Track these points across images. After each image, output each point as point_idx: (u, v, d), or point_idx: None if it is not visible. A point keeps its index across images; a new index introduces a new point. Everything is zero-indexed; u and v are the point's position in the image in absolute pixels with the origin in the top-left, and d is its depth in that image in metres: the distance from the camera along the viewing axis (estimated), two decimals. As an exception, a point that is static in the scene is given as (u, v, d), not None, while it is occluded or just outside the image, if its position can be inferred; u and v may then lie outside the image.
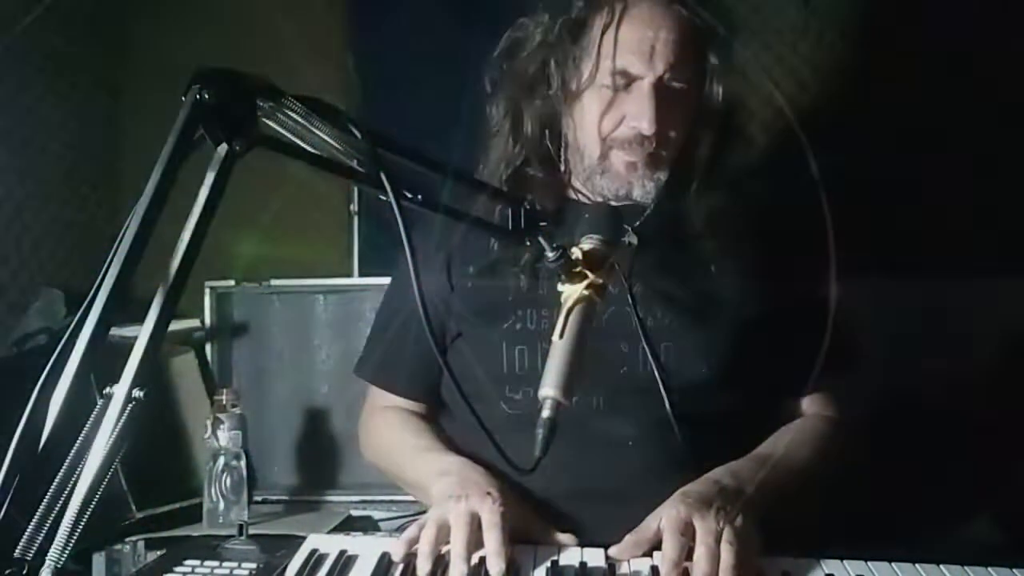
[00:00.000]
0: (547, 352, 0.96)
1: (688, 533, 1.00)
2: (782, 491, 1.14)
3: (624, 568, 1.03)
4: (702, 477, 1.11)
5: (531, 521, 1.11)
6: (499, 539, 1.00)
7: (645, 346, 1.17)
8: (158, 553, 1.15)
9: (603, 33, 1.16)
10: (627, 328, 1.18)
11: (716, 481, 1.10)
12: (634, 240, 1.19)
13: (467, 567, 0.98)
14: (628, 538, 1.05)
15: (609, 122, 1.18)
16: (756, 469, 1.14)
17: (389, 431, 1.34)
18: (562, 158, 1.26)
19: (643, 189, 1.20)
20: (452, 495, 1.06)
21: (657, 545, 1.03)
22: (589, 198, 1.25)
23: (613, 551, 1.05)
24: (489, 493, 1.06)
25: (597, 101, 1.18)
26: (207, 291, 1.90)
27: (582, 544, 1.08)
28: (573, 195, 1.27)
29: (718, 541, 0.99)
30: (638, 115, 1.15)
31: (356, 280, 1.97)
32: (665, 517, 1.02)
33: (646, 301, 1.20)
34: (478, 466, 1.17)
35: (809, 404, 1.30)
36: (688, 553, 0.99)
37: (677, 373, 1.18)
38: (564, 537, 1.09)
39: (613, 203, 1.21)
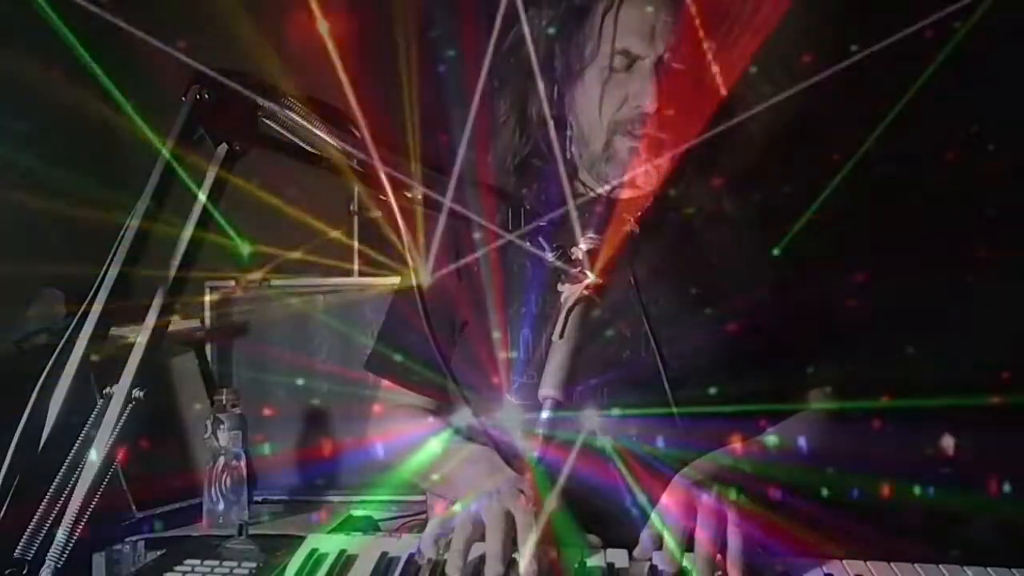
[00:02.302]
0: (551, 335, 0.96)
1: (690, 515, 1.00)
2: (779, 475, 1.14)
3: (624, 567, 1.02)
4: (700, 459, 1.11)
5: (558, 519, 1.09)
6: (534, 540, 0.98)
7: (647, 329, 1.17)
8: (158, 553, 1.15)
9: (604, 14, 1.18)
10: (630, 313, 1.19)
11: (713, 460, 1.11)
12: (636, 229, 1.20)
13: (504, 568, 0.96)
14: (643, 536, 1.05)
15: (611, 104, 1.20)
16: (752, 450, 1.16)
17: (405, 427, 1.34)
18: (568, 148, 1.27)
19: (646, 175, 1.21)
20: (483, 491, 1.05)
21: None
22: (594, 188, 1.26)
23: (637, 552, 1.04)
24: (521, 491, 1.04)
25: (599, 83, 1.20)
26: (207, 291, 1.90)
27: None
28: (580, 187, 1.29)
29: (720, 520, 0.99)
30: (640, 93, 1.17)
31: (356, 280, 1.97)
32: (666, 502, 1.03)
33: (649, 288, 1.20)
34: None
35: (812, 398, 1.31)
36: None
37: (680, 358, 1.18)
38: (590, 538, 1.09)
39: (615, 194, 1.22)
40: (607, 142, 1.21)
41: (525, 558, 0.97)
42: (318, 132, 0.85)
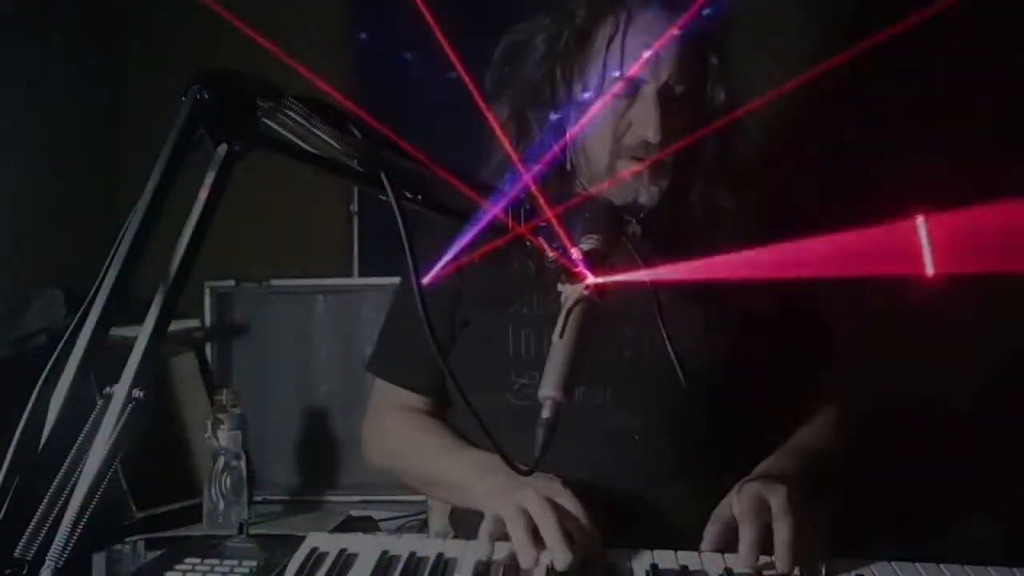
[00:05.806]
0: (551, 335, 0.96)
1: (764, 512, 1.01)
2: (819, 481, 1.16)
3: (624, 567, 1.03)
4: (753, 471, 1.12)
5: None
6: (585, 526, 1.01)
7: (654, 329, 1.18)
8: (158, 553, 1.15)
9: (608, 43, 1.17)
10: (632, 312, 1.19)
11: (767, 472, 1.12)
12: (638, 229, 1.20)
13: (570, 554, 0.96)
14: (709, 529, 1.06)
15: (615, 130, 1.19)
16: (792, 459, 1.18)
17: (408, 432, 1.32)
18: (568, 159, 1.27)
19: (648, 195, 1.21)
20: (512, 488, 1.04)
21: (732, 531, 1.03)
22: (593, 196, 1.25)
23: (704, 546, 1.04)
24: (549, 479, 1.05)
25: (602, 110, 1.19)
26: (207, 291, 1.90)
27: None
28: (581, 189, 1.28)
29: (795, 516, 1.00)
30: (644, 123, 1.17)
31: (356, 280, 1.97)
32: (738, 501, 1.03)
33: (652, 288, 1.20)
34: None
35: (815, 399, 1.31)
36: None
37: (682, 358, 1.18)
38: None
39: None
40: (609, 164, 1.21)
41: (575, 545, 0.98)
42: (318, 132, 0.84)
